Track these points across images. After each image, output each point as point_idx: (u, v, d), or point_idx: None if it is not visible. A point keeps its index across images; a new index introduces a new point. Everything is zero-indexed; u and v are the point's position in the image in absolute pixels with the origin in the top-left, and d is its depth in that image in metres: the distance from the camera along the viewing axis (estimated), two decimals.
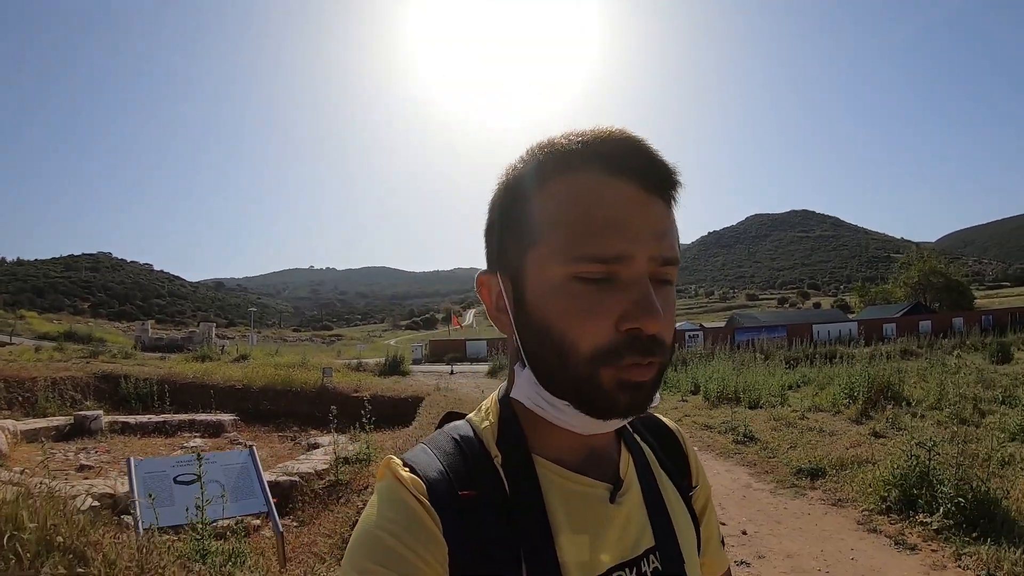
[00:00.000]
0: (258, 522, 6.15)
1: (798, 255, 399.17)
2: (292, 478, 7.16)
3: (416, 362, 35.53)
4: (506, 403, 0.79)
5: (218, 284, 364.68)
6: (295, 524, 6.39)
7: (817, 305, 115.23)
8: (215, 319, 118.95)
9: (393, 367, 24.56)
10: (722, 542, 0.96)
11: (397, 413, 11.54)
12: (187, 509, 4.40)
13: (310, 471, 7.45)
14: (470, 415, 0.83)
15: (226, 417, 12.19)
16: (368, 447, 8.02)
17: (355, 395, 12.75)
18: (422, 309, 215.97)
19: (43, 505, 3.49)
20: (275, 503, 5.22)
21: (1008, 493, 5.52)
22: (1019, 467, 6.53)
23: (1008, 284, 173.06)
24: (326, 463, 7.72)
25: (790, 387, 14.86)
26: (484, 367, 28.08)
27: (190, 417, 11.92)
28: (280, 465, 7.94)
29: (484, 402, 0.84)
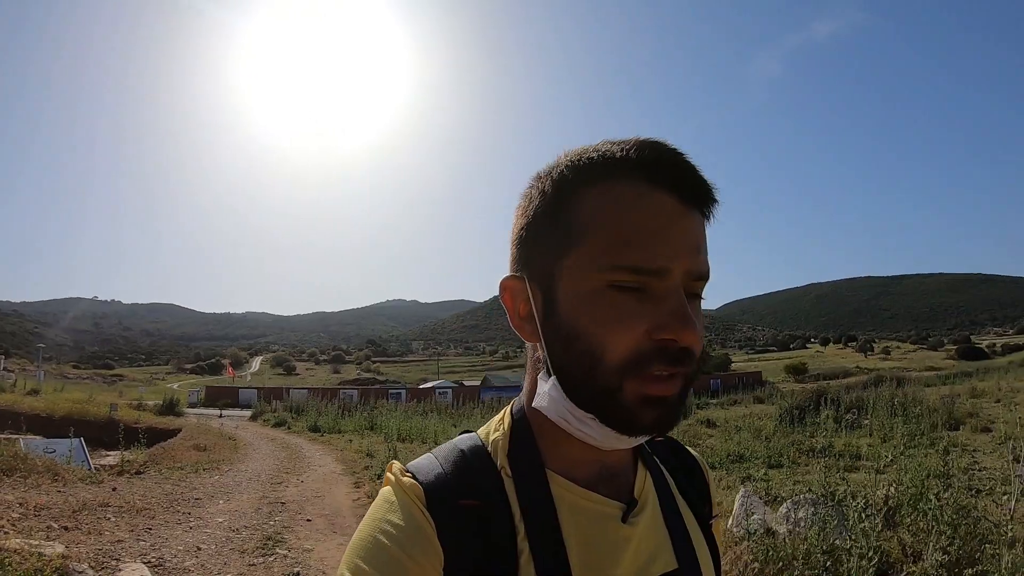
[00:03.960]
0: None
1: None
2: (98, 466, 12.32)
3: (192, 406, 38.23)
4: (520, 416, 0.75)
5: None
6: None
7: None
8: None
9: (169, 408, 26.51)
10: None
11: (165, 438, 16.48)
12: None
13: (107, 464, 12.64)
14: (480, 428, 0.79)
15: (37, 438, 16.08)
16: (144, 455, 13.35)
17: (135, 426, 17.36)
18: (209, 352, 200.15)
19: None
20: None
21: None
22: None
23: (775, 349, 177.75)
24: (116, 462, 12.92)
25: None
26: (249, 412, 30.93)
27: (7, 436, 15.60)
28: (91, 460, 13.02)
29: (496, 416, 0.80)
